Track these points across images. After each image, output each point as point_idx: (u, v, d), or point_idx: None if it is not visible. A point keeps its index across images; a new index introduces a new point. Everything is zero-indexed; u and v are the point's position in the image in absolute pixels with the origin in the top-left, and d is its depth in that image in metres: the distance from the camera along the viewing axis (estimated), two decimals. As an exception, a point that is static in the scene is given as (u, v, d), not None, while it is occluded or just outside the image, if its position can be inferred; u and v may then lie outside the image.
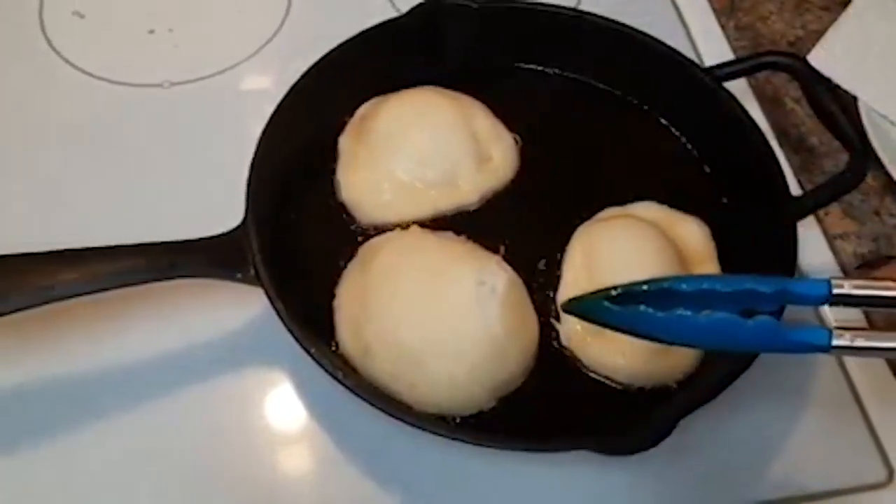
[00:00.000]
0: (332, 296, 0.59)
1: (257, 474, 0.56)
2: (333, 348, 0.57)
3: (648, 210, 0.64)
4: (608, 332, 0.56)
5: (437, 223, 0.63)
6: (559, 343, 0.58)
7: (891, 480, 0.57)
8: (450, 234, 0.62)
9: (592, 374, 0.57)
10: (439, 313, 0.55)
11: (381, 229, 0.63)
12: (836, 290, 0.45)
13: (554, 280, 0.60)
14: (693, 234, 0.62)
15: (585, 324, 0.57)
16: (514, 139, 0.68)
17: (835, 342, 0.44)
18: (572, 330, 0.58)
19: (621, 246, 0.60)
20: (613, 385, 0.57)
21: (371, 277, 0.57)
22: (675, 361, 0.56)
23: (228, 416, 0.58)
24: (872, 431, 0.59)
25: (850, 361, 0.62)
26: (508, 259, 0.59)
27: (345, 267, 0.61)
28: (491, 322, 0.54)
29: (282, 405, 0.59)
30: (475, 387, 0.54)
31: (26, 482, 0.56)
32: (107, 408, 0.58)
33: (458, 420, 0.54)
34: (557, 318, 0.59)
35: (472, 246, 0.60)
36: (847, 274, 0.67)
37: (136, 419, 0.58)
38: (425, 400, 0.54)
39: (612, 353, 0.56)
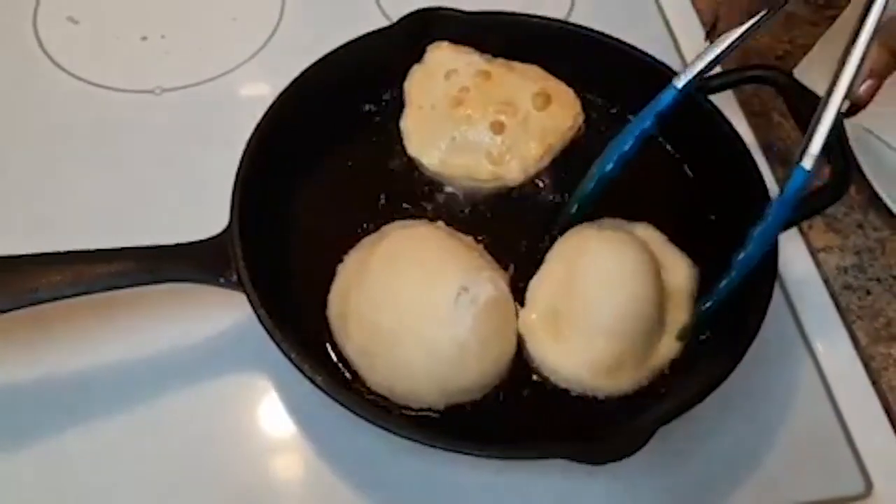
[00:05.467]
0: (318, 300, 0.59)
1: (241, 476, 0.57)
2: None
3: (646, 233, 0.63)
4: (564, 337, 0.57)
5: (461, 226, 0.63)
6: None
7: (869, 493, 0.58)
8: (469, 239, 0.62)
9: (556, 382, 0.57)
10: (417, 306, 0.55)
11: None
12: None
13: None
14: (681, 272, 0.61)
15: (547, 331, 0.58)
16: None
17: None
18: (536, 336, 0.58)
19: (610, 257, 0.59)
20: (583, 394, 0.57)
21: (375, 253, 0.58)
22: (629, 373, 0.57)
23: (213, 420, 0.59)
24: (851, 443, 0.60)
25: (830, 370, 0.62)
26: (516, 279, 0.60)
27: (332, 270, 0.61)
28: (461, 329, 0.54)
29: (267, 408, 0.60)
30: (428, 383, 0.55)
31: (12, 484, 0.56)
32: (92, 411, 0.59)
33: (427, 423, 0.55)
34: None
35: (480, 254, 0.60)
36: (833, 293, 0.67)
37: (121, 422, 0.58)
38: (380, 381, 0.55)
39: (567, 361, 0.57)
